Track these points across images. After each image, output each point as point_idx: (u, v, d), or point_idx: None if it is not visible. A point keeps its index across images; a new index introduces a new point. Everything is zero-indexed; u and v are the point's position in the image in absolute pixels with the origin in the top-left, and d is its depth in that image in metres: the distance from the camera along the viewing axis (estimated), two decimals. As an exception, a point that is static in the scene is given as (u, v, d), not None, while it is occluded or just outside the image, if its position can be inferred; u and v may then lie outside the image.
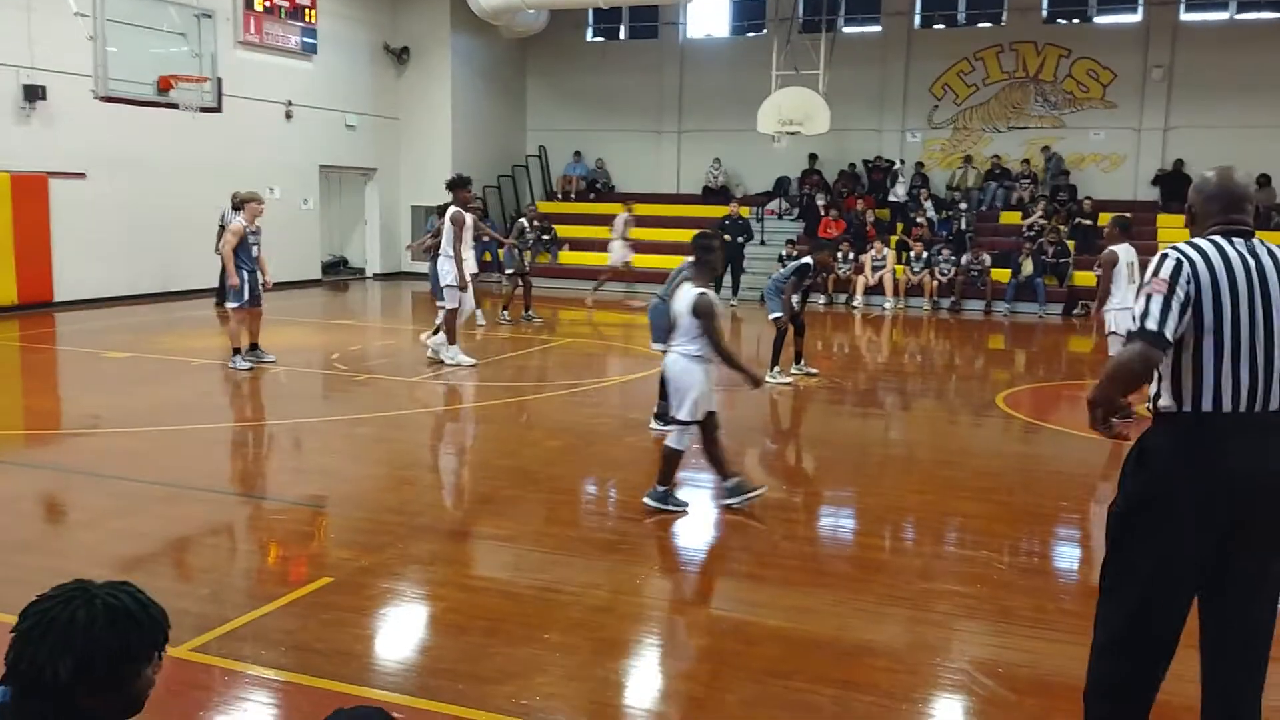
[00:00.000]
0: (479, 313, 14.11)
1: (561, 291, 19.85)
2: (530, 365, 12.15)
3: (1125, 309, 8.24)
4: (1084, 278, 18.33)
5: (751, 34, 23.48)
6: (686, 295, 6.03)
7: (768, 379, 10.05)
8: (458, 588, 5.00)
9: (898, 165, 21.63)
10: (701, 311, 5.94)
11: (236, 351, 10.65)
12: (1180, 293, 2.79)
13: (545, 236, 22.16)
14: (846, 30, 22.69)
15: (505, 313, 15.25)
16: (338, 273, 22.06)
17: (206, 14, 13.80)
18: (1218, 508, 2.79)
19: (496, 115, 24.09)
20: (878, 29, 22.52)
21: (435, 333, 11.44)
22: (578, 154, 24.54)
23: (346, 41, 20.91)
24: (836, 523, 6.48)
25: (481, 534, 6.01)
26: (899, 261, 19.50)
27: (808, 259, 10.86)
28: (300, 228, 19.64)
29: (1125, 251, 8.87)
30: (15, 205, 14.61)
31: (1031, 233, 19.27)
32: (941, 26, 22.63)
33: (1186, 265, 2.82)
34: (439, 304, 11.35)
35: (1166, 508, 2.84)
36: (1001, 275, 18.58)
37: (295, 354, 11.53)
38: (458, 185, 11.03)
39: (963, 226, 20.07)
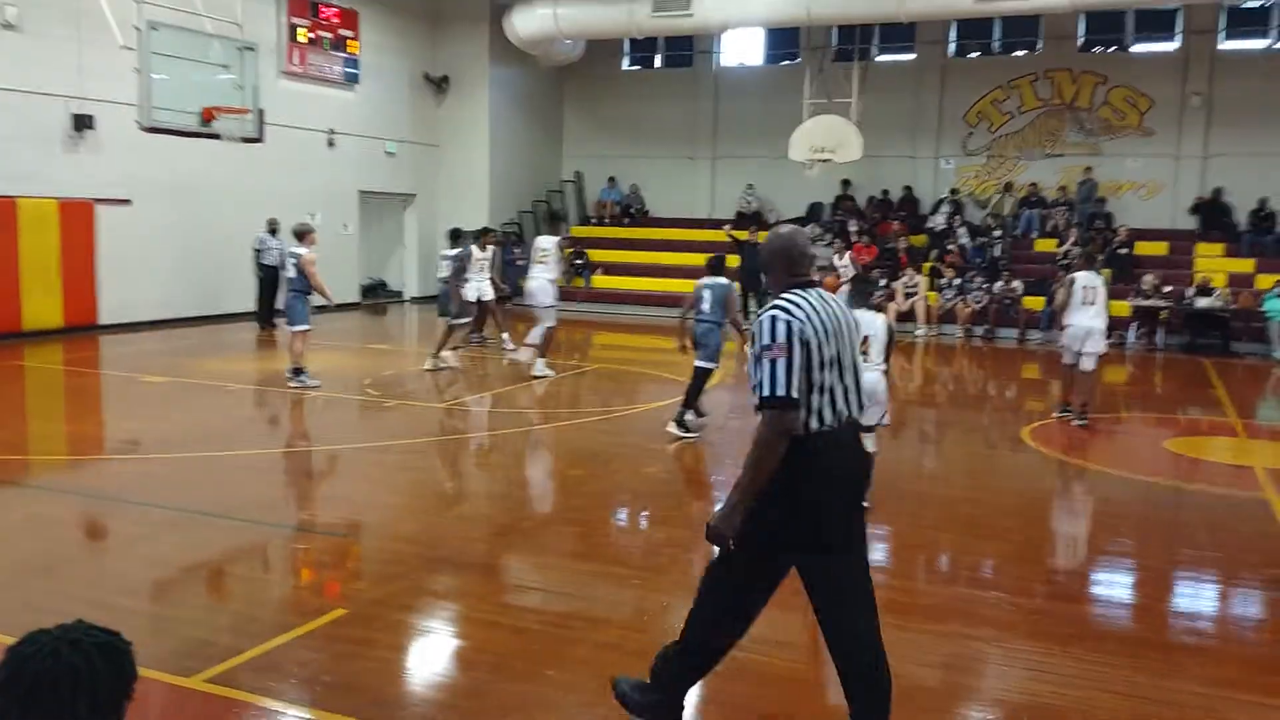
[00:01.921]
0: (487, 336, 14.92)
1: (594, 316, 19.99)
2: (559, 391, 12.26)
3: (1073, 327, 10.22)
4: (1119, 307, 18.17)
5: (785, 63, 23.61)
6: (876, 318, 7.06)
7: None
8: (468, 621, 5.09)
9: (944, 197, 21.62)
10: (893, 332, 7.13)
11: (299, 371, 11.10)
12: (797, 350, 3.31)
13: (579, 261, 22.43)
14: (880, 59, 22.75)
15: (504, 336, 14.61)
16: (376, 296, 22.40)
17: (250, 46, 14.13)
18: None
19: (533, 142, 24.40)
20: (911, 57, 22.55)
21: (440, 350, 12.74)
22: (612, 179, 24.76)
23: (387, 71, 21.32)
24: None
25: (497, 567, 6.10)
26: (931, 288, 19.45)
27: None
28: (340, 252, 19.98)
29: (1085, 277, 10.36)
30: (63, 231, 15.04)
31: (1066, 260, 19.11)
32: (976, 55, 22.61)
33: (795, 323, 3.35)
34: (451, 322, 13.03)
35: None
36: (1035, 303, 18.45)
37: (329, 379, 11.74)
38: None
39: (996, 254, 19.97)
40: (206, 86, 13.54)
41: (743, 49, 24.29)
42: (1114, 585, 6.13)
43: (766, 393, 3.29)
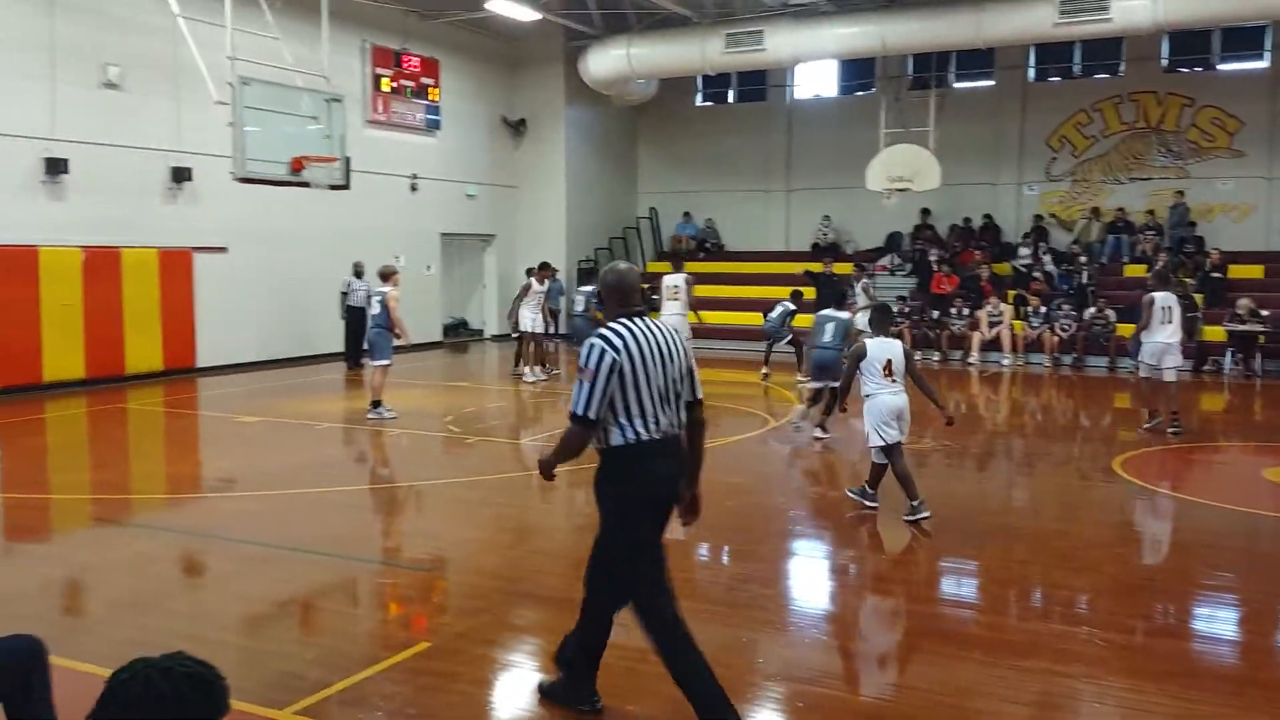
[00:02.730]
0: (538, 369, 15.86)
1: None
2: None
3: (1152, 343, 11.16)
4: (1214, 332, 17.59)
5: (860, 93, 23.56)
6: (894, 344, 7.69)
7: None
8: (549, 656, 5.13)
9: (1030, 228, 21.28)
10: (910, 355, 7.77)
11: (378, 404, 11.52)
12: (602, 378, 3.97)
13: (655, 297, 22.52)
14: (957, 86, 22.55)
15: (538, 369, 16.00)
16: (457, 335, 22.84)
17: (337, 98, 14.63)
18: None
19: (609, 180, 24.71)
20: (990, 83, 22.30)
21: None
22: (687, 214, 24.92)
23: (467, 116, 21.86)
24: (936, 592, 6.38)
25: (576, 601, 6.13)
26: (1017, 317, 19.08)
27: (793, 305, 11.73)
28: (423, 292, 20.45)
29: (1163, 297, 11.12)
30: (163, 278, 15.72)
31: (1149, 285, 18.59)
32: (1057, 79, 22.26)
33: (609, 353, 3.99)
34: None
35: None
36: (1126, 330, 17.92)
37: (412, 416, 11.99)
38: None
39: (1084, 280, 19.52)
40: (296, 137, 14.04)
41: (817, 81, 24.32)
42: (1213, 620, 5.91)
43: (572, 409, 4.04)
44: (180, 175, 15.98)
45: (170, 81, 15.69)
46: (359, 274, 17.28)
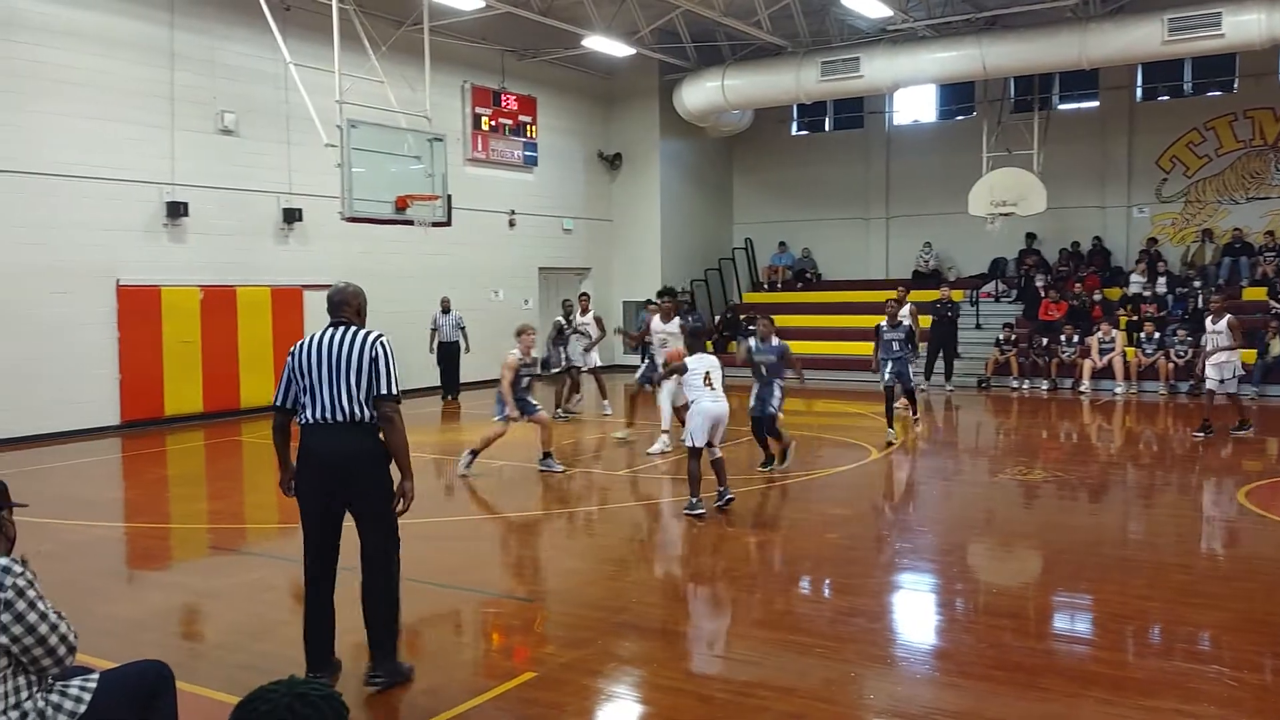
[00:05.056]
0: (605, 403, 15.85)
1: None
2: (734, 457, 12.23)
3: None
4: (1345, 356, 16.69)
5: (960, 117, 23.22)
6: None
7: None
8: (654, 687, 5.11)
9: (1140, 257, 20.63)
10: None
11: (474, 453, 10.96)
12: (285, 372, 5.02)
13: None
14: (1061, 107, 22.04)
15: (559, 410, 15.48)
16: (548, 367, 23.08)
17: (438, 137, 15.06)
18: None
19: (704, 211, 24.79)
20: (1095, 104, 21.74)
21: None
22: (782, 244, 24.81)
23: (563, 152, 22.24)
24: (1054, 628, 6.15)
25: (681, 632, 6.11)
26: (1129, 343, 18.43)
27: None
28: (521, 326, 20.74)
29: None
30: (275, 316, 16.31)
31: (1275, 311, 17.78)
32: (1166, 98, 21.58)
33: (289, 357, 5.02)
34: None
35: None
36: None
37: (512, 449, 12.13)
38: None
39: (1199, 304, 18.76)
40: (400, 177, 14.49)
41: (916, 106, 24.05)
42: (1356, 661, 5.55)
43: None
44: (291, 216, 16.61)
45: (281, 126, 16.38)
46: (446, 309, 17.65)
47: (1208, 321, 13.45)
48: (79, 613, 3.45)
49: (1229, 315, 12.95)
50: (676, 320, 12.77)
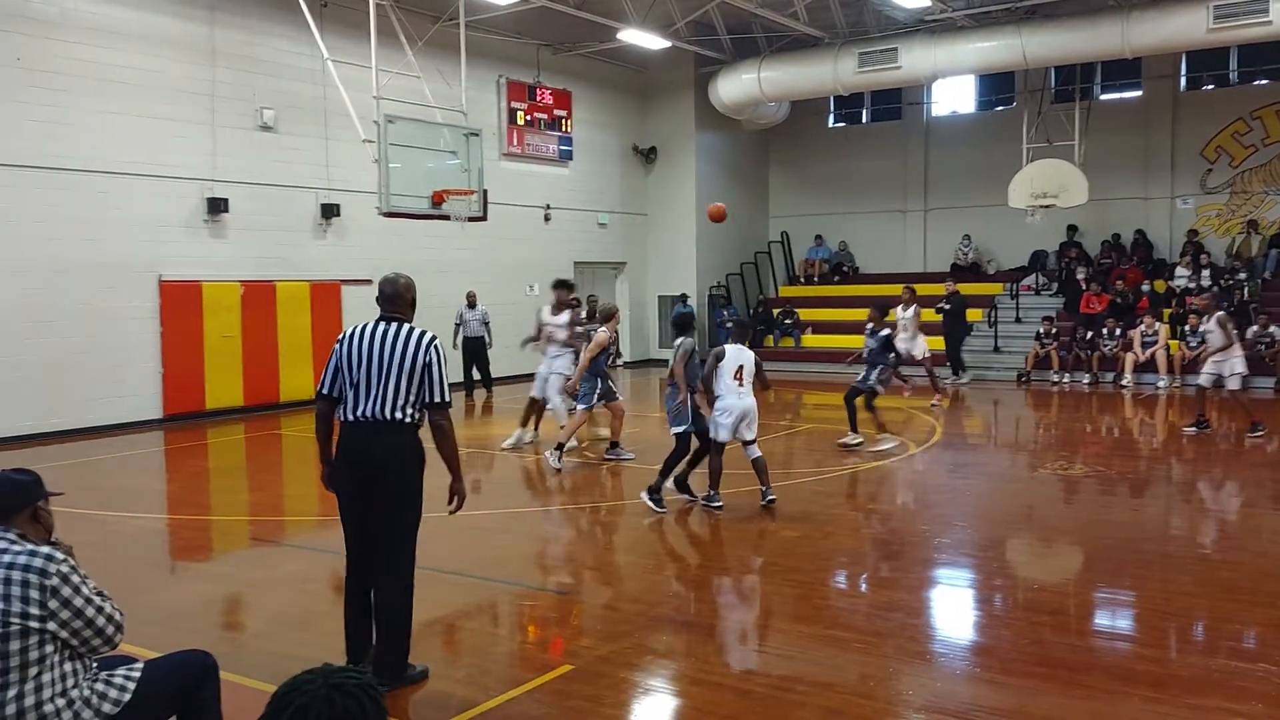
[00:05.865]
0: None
1: (805, 376, 19.81)
2: (772, 452, 12.17)
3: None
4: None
5: (1000, 108, 22.95)
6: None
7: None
8: (690, 681, 5.10)
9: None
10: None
11: (560, 447, 10.79)
12: (332, 361, 4.89)
13: (788, 321, 22.39)
14: (1104, 97, 21.70)
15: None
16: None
17: (474, 132, 15.11)
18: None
19: (739, 204, 24.61)
20: (1138, 94, 21.39)
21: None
22: (819, 238, 24.66)
23: (599, 146, 22.24)
24: (1096, 625, 6.07)
25: (717, 627, 6.10)
26: (1173, 336, 18.13)
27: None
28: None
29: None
30: (314, 309, 16.47)
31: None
32: (1211, 87, 21.18)
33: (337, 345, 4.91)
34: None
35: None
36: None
37: (551, 442, 12.16)
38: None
39: (1245, 296, 18.42)
40: (436, 172, 14.56)
41: (954, 97, 23.80)
42: None
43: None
44: (329, 211, 16.75)
45: (319, 122, 16.52)
46: (472, 304, 17.66)
47: (1200, 321, 13.60)
48: (124, 603, 3.50)
49: (1219, 312, 12.79)
50: (566, 313, 12.02)
